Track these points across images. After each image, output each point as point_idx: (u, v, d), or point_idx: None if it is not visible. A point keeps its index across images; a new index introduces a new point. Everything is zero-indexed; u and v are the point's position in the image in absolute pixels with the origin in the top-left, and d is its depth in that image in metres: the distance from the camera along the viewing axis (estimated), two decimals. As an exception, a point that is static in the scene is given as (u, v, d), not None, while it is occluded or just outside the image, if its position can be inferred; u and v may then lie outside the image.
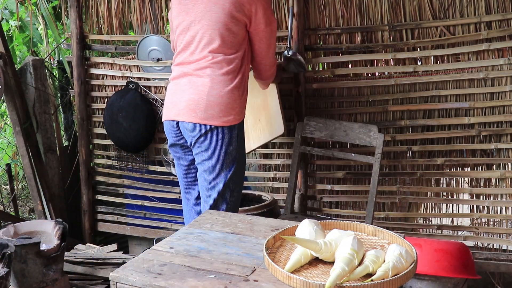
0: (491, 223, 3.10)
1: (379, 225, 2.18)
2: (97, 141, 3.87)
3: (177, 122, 2.55)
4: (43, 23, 4.64)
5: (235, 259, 1.66)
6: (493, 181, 3.07)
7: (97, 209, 3.94)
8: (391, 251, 1.53)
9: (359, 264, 1.51)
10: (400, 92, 3.12)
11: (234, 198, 2.56)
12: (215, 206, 2.51)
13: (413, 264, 1.52)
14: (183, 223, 3.21)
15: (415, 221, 3.34)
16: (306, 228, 1.67)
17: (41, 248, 2.62)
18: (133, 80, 3.62)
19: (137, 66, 3.63)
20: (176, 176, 3.32)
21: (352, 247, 1.50)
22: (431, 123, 3.08)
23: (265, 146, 3.41)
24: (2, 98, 3.59)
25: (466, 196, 3.12)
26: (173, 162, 3.42)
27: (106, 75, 3.75)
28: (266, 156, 3.48)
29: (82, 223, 3.94)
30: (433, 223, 3.32)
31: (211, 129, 2.45)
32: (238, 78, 2.48)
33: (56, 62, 4.88)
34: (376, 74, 3.24)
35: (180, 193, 3.22)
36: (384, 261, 1.51)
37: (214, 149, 2.47)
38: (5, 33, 3.92)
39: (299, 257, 1.55)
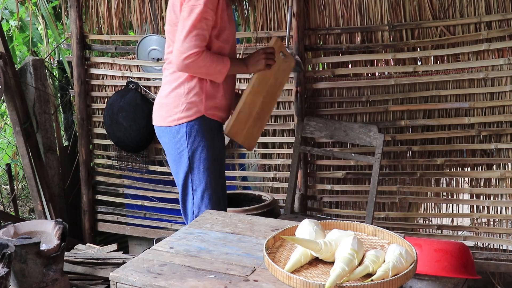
0: (491, 223, 3.10)
1: (379, 225, 2.18)
2: (97, 141, 3.87)
3: None
4: (43, 23, 4.64)
5: (235, 259, 1.65)
6: (493, 181, 3.07)
7: (97, 209, 3.94)
8: (391, 251, 1.53)
9: (359, 264, 1.50)
10: (400, 92, 3.12)
11: (199, 197, 2.42)
12: (183, 206, 2.48)
13: (413, 264, 1.52)
14: (183, 223, 3.21)
15: (415, 221, 3.34)
16: (306, 228, 1.66)
17: (41, 248, 2.62)
18: (133, 80, 3.62)
19: (137, 66, 3.63)
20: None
21: (352, 247, 1.50)
22: (431, 123, 3.08)
23: (265, 146, 3.41)
24: (2, 98, 3.59)
25: (466, 196, 3.13)
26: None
27: (106, 75, 3.74)
28: (266, 156, 3.48)
29: (82, 223, 3.94)
30: (433, 223, 3.32)
31: (162, 130, 2.45)
32: (185, 76, 2.37)
33: (56, 62, 4.88)
34: (376, 74, 3.24)
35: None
36: (384, 261, 1.51)
37: (167, 150, 2.46)
38: (5, 33, 3.91)
39: (299, 257, 1.55)
